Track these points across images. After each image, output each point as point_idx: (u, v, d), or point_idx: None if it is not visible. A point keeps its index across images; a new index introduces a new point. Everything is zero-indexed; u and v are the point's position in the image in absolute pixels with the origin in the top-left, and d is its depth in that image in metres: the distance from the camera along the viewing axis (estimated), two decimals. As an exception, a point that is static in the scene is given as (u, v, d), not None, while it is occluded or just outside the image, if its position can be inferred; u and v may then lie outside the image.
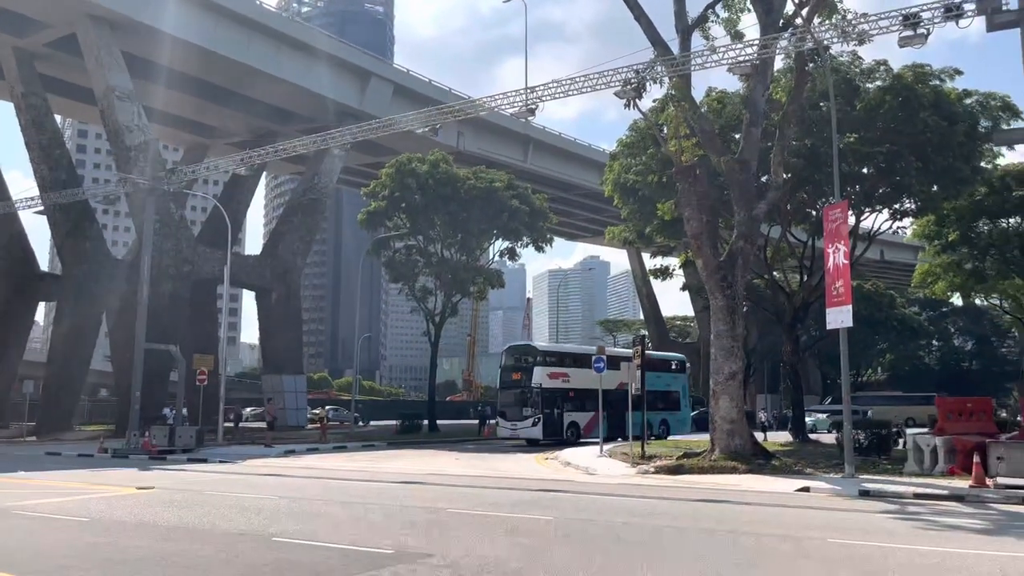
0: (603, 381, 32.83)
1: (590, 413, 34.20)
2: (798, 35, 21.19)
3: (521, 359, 36.65)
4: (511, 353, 38.09)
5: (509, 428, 34.92)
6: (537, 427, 33.73)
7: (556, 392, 34.65)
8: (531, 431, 34.01)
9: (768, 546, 10.52)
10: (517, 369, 35.89)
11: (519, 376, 35.36)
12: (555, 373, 35.01)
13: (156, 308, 41.39)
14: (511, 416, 35.07)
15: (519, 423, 34.41)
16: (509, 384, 36.03)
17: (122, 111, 43.55)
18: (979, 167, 28.54)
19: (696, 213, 22.42)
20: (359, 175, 64.78)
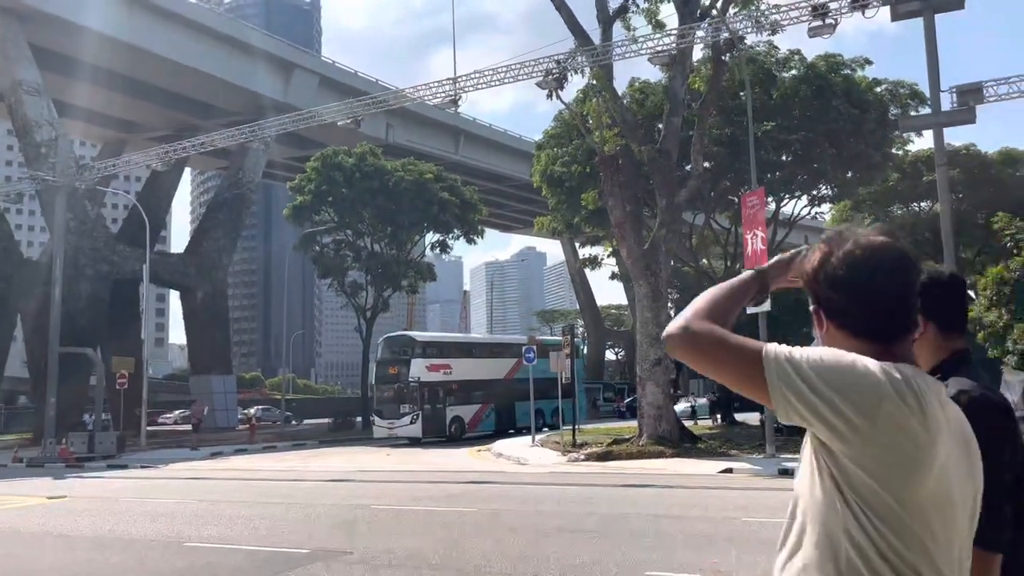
0: (490, 371, 32.76)
1: (476, 406, 32.99)
2: (714, 25, 21.55)
3: (399, 351, 33.72)
4: (388, 346, 34.77)
5: (385, 427, 32.12)
6: (416, 424, 31.06)
7: (437, 385, 32.15)
8: (409, 429, 31.32)
9: (685, 528, 10.71)
10: (394, 362, 33.04)
11: (396, 370, 32.47)
12: (436, 365, 32.43)
13: (73, 310, 39.86)
14: (388, 414, 32.23)
15: (396, 421, 31.66)
16: (385, 379, 33.17)
17: (31, 106, 41.67)
18: (890, 153, 29.59)
19: (619, 202, 22.65)
20: (287, 169, 63.43)
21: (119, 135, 57.42)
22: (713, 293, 1.70)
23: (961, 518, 1.50)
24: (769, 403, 1.50)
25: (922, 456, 1.43)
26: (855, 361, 1.46)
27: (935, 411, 1.46)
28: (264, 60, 51.32)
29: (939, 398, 1.50)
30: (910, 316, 1.59)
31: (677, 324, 1.61)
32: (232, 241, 54.91)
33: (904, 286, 1.56)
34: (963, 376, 1.97)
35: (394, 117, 54.21)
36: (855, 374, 1.44)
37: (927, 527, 1.45)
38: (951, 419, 1.51)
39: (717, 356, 1.56)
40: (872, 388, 1.43)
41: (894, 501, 1.43)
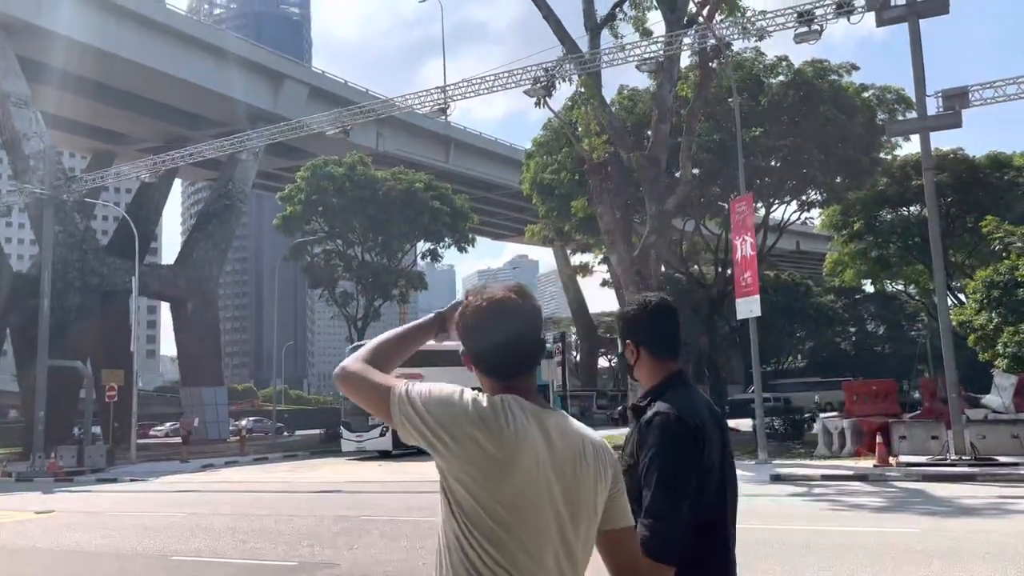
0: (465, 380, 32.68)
1: None
2: (700, 32, 21.62)
3: None
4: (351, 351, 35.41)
5: (354, 440, 30.47)
6: (386, 436, 29.07)
7: None
8: (379, 442, 29.43)
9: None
10: None
11: None
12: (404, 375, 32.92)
13: (62, 323, 39.67)
14: (356, 426, 30.35)
15: (365, 434, 29.82)
16: None
17: (19, 118, 41.50)
18: (878, 158, 29.74)
19: (608, 209, 22.65)
20: (277, 179, 63.35)
21: (108, 147, 57.27)
22: (383, 338, 2.11)
23: (553, 526, 1.76)
24: (397, 429, 1.85)
25: (499, 471, 1.73)
26: (453, 394, 1.83)
27: (514, 433, 1.75)
28: (253, 71, 51.32)
29: (540, 423, 1.80)
30: (526, 359, 1.89)
31: (340, 364, 2.00)
32: (222, 252, 54.74)
33: (519, 334, 1.87)
34: (672, 397, 2.18)
35: (384, 126, 54.24)
36: (450, 404, 1.80)
37: (512, 532, 1.73)
38: (554, 439, 1.79)
39: (362, 391, 1.94)
40: (461, 415, 1.77)
41: (481, 509, 1.73)
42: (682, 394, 2.22)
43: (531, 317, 1.90)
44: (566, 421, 1.88)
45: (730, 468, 2.29)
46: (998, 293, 24.09)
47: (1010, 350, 23.52)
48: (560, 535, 1.77)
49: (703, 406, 2.25)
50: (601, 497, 1.84)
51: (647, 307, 2.33)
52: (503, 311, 1.87)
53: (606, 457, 1.87)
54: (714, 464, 2.17)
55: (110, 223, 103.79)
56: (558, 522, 1.76)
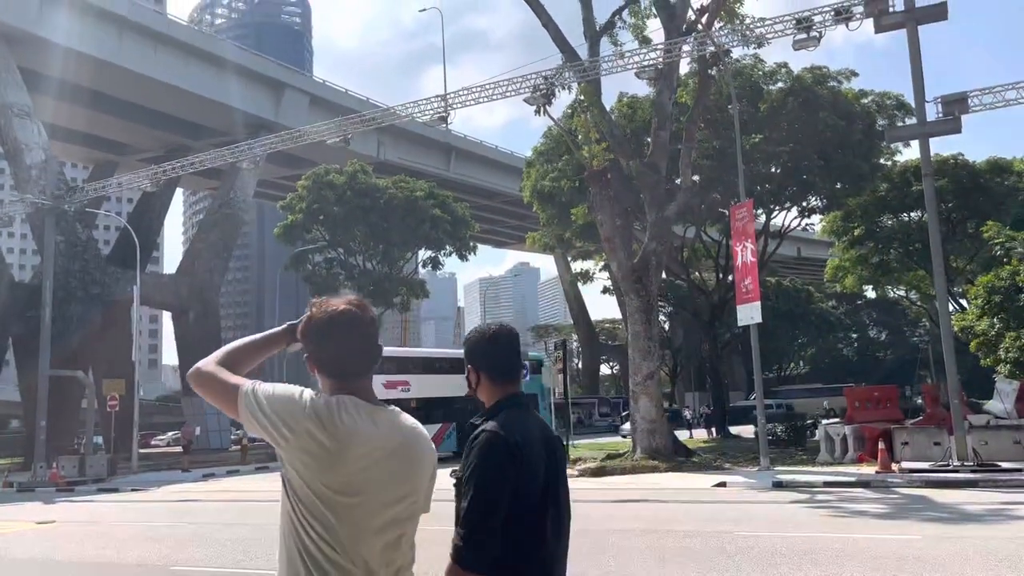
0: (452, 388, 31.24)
1: (436, 426, 30.87)
2: (699, 39, 21.66)
3: None
4: None
5: None
6: None
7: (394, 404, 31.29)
8: None
9: (677, 543, 10.61)
10: None
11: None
12: (392, 382, 30.03)
13: (64, 332, 39.68)
14: None
15: None
16: None
17: (20, 129, 41.61)
18: (878, 164, 29.74)
19: (608, 216, 22.66)
20: (280, 188, 63.42)
21: (110, 157, 57.42)
22: (235, 344, 2.32)
23: (382, 510, 2.01)
24: (244, 422, 2.07)
25: (330, 460, 1.97)
26: (293, 393, 2.07)
27: (347, 429, 2.00)
28: (254, 80, 51.47)
29: (373, 419, 2.06)
30: (361, 362, 2.15)
31: (195, 365, 2.18)
32: (224, 261, 54.80)
33: (352, 341, 2.12)
34: (503, 417, 2.34)
35: (385, 135, 54.35)
36: (290, 401, 2.04)
37: (342, 516, 1.97)
38: (384, 438, 2.05)
39: (214, 389, 2.14)
40: (299, 411, 2.01)
41: (314, 495, 1.97)
42: (513, 415, 2.37)
43: (366, 326, 2.15)
44: (398, 417, 2.15)
45: (562, 488, 2.43)
46: (999, 298, 24.01)
47: (1012, 355, 23.44)
48: (390, 518, 2.04)
49: (533, 427, 2.40)
50: (424, 483, 2.15)
51: (486, 335, 2.52)
52: (341, 321, 2.11)
53: (432, 451, 2.19)
54: (536, 483, 2.29)
55: (112, 233, 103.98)
56: (387, 506, 2.03)
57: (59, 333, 37.64)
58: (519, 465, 2.24)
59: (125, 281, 44.98)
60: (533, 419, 2.45)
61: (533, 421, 2.44)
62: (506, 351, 2.52)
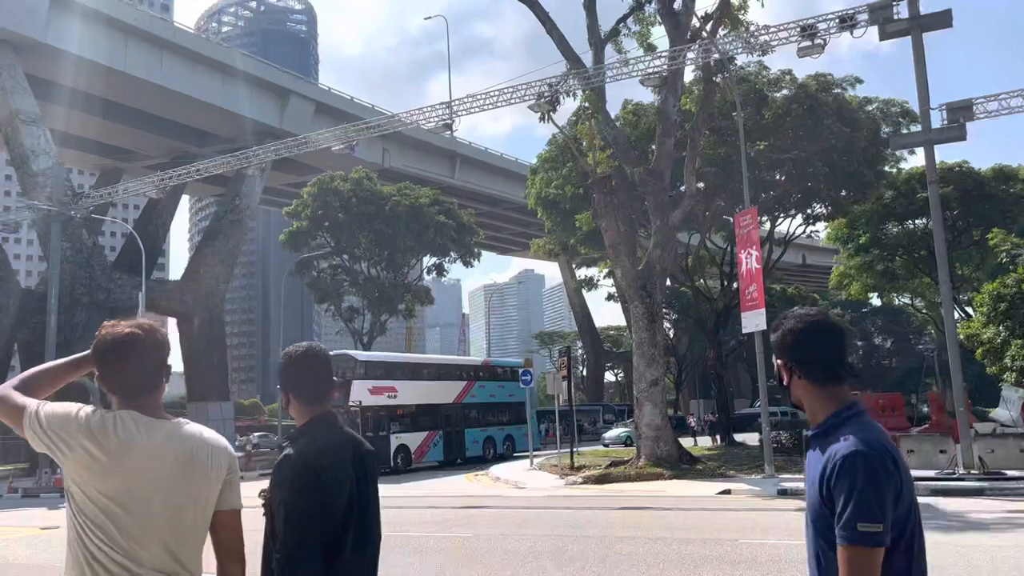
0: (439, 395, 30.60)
1: (423, 434, 30.53)
2: (704, 47, 21.69)
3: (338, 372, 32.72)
4: None
5: None
6: None
7: (381, 410, 29.24)
8: None
9: (680, 550, 10.57)
10: None
11: (335, 393, 31.12)
12: (379, 388, 29.54)
13: (69, 338, 39.76)
14: None
15: None
16: None
17: (28, 135, 41.84)
18: (883, 171, 29.71)
19: (613, 223, 22.65)
20: (284, 195, 63.66)
21: (116, 163, 57.64)
22: (37, 369, 2.52)
23: (161, 515, 2.21)
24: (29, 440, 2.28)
25: (104, 471, 2.18)
26: (71, 411, 2.27)
27: (121, 442, 2.20)
28: (260, 88, 51.66)
29: (152, 432, 2.26)
30: (144, 381, 2.33)
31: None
32: (229, 268, 54.90)
33: (133, 362, 2.29)
34: (308, 440, 2.50)
35: (390, 142, 54.46)
36: (67, 419, 2.25)
37: (120, 523, 2.16)
38: (162, 449, 2.25)
39: (5, 410, 2.34)
40: (74, 428, 2.22)
41: (93, 504, 2.17)
42: (321, 435, 2.53)
43: (149, 348, 2.33)
44: (180, 428, 2.33)
45: (372, 502, 2.58)
46: (1005, 306, 23.94)
47: (1018, 363, 23.37)
48: (169, 522, 2.22)
49: (341, 446, 2.54)
50: (215, 486, 2.33)
51: (293, 357, 2.63)
52: (123, 344, 2.30)
53: (220, 454, 2.37)
54: (341, 501, 2.43)
55: (118, 239, 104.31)
56: (167, 511, 2.22)
57: (65, 339, 37.76)
58: (323, 487, 2.40)
59: (131, 288, 45.12)
60: (341, 437, 2.58)
61: (341, 439, 2.57)
62: (313, 372, 2.63)
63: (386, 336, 48.23)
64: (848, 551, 2.04)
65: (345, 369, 30.10)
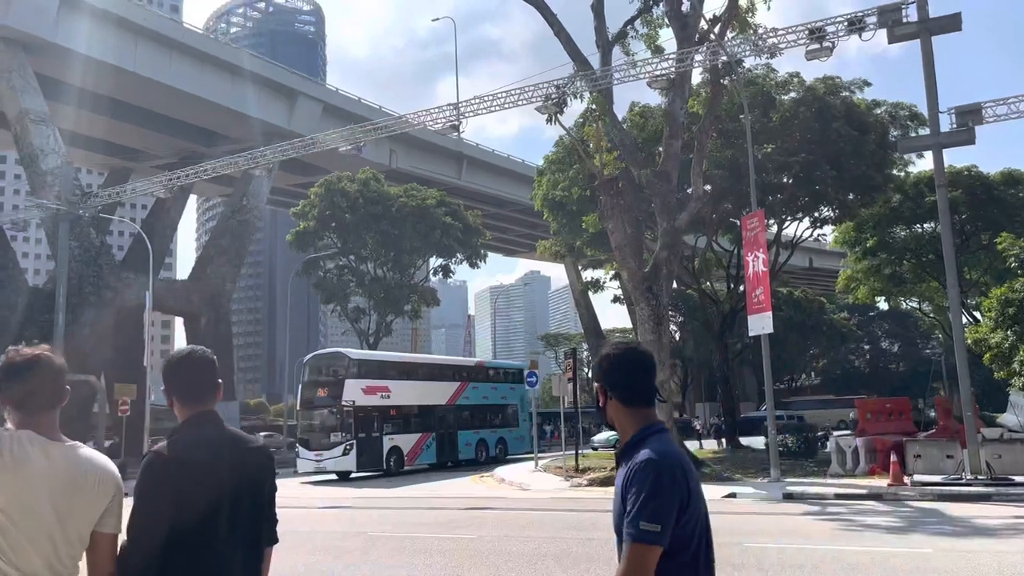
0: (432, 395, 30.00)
1: (415, 435, 29.65)
2: (712, 49, 21.65)
3: (329, 371, 29.63)
4: (316, 365, 30.41)
5: (312, 459, 27.63)
6: (349, 455, 26.90)
7: (374, 410, 28.23)
8: (341, 461, 27.08)
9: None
10: (324, 384, 28.95)
11: (326, 392, 28.41)
12: (372, 387, 28.47)
13: (76, 337, 39.93)
14: (315, 444, 27.87)
15: (325, 452, 27.28)
16: (313, 403, 28.78)
17: (37, 135, 42.06)
18: (891, 175, 29.59)
19: (619, 225, 22.61)
20: (292, 195, 63.83)
21: (125, 163, 57.90)
22: None
23: (45, 527, 2.38)
24: None
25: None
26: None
27: (15, 459, 2.37)
28: (267, 88, 51.82)
29: (46, 452, 2.44)
30: (40, 403, 2.50)
31: None
32: (236, 267, 55.09)
33: (30, 384, 2.48)
34: (176, 438, 2.65)
35: (398, 143, 54.55)
36: None
37: (9, 531, 2.33)
38: (53, 468, 2.42)
39: None
40: None
41: None
42: (191, 432, 2.68)
43: (48, 372, 2.52)
44: (75, 451, 2.51)
45: (248, 498, 2.71)
46: (1014, 311, 23.78)
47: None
48: (52, 534, 2.39)
49: (215, 444, 2.67)
50: (97, 507, 2.50)
51: (173, 361, 2.81)
52: (24, 367, 2.49)
53: (108, 479, 2.54)
54: (205, 496, 2.56)
55: (126, 239, 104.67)
56: (50, 524, 2.39)
57: (72, 337, 37.91)
58: (179, 481, 2.53)
59: (138, 286, 45.29)
60: (216, 434, 2.70)
61: (215, 435, 2.69)
62: (192, 374, 2.76)
63: (392, 337, 48.26)
64: (630, 548, 2.25)
65: (338, 367, 29.26)
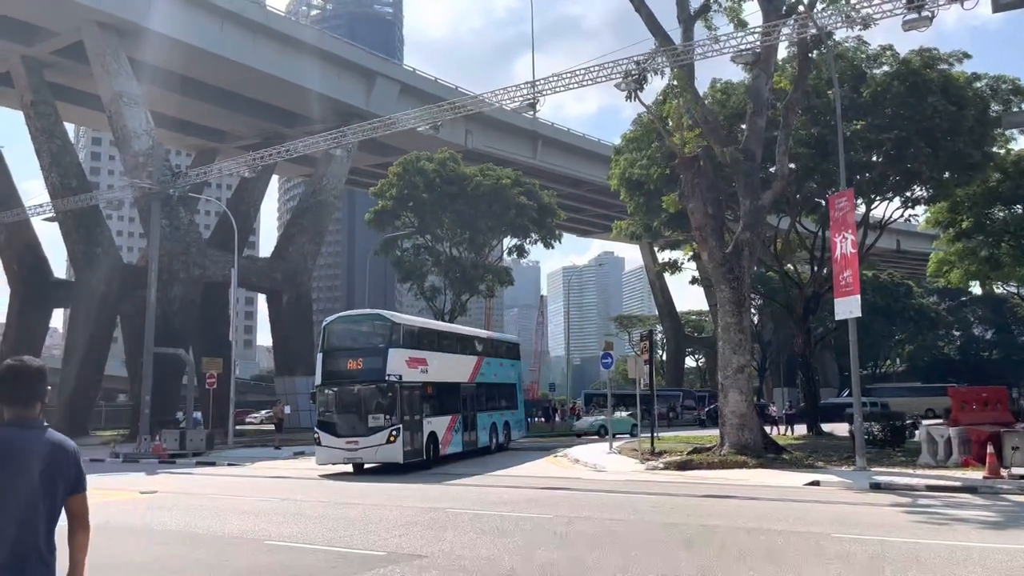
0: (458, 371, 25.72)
1: (447, 418, 24.32)
2: (800, 21, 20.83)
3: (366, 337, 23.60)
4: (346, 328, 24.19)
5: (342, 448, 21.46)
6: (396, 444, 20.84)
7: (416, 388, 22.49)
8: (385, 451, 21.03)
9: (770, 542, 10.25)
10: (359, 353, 22.65)
11: (360, 364, 22.11)
12: (415, 359, 22.88)
13: (166, 312, 41.58)
14: (345, 428, 21.71)
15: (362, 439, 21.09)
16: (342, 377, 22.15)
17: (130, 117, 43.73)
18: (991, 152, 28.01)
19: (700, 205, 22.11)
20: (369, 176, 64.77)
21: (209, 144, 59.78)
22: None
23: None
24: None
25: None
26: None
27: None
28: (346, 69, 52.56)
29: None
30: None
31: None
32: (316, 246, 56.35)
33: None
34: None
35: (473, 123, 54.67)
36: None
37: None
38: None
39: None
40: None
41: None
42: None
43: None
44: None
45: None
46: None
47: None
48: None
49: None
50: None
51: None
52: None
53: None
54: None
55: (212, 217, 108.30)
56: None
57: (163, 313, 39.49)
58: None
59: (224, 264, 46.80)
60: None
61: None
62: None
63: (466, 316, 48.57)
64: None
65: (378, 335, 23.02)
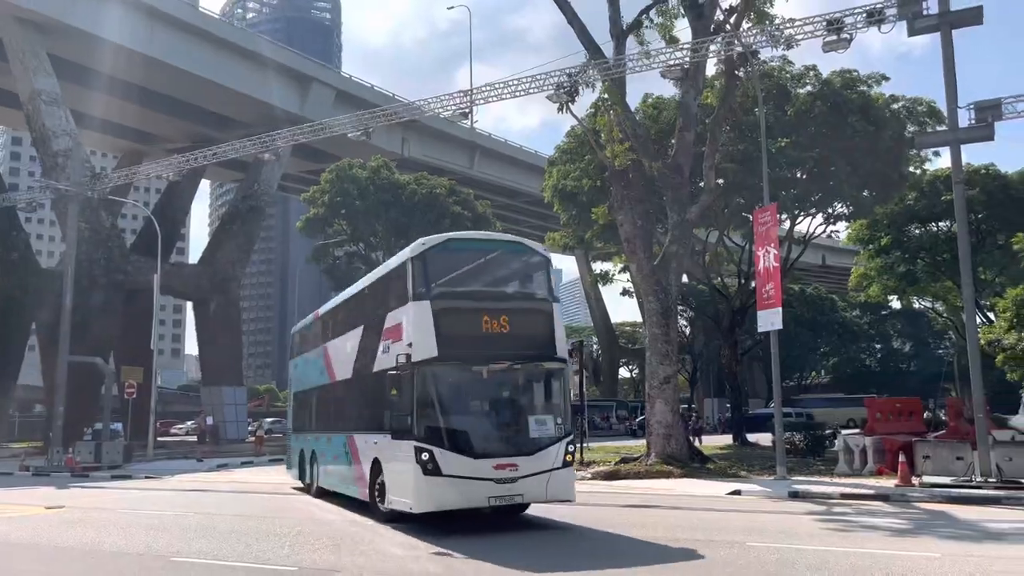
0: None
1: None
2: (727, 40, 21.29)
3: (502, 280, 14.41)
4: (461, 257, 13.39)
5: (491, 479, 11.65)
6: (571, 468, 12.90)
7: None
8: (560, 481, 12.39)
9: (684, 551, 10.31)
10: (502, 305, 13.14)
11: (504, 326, 12.52)
12: None
13: (86, 319, 39.98)
14: (495, 440, 12.22)
15: (524, 460, 11.90)
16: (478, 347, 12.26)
17: (48, 116, 42.07)
18: (907, 172, 29.11)
19: (629, 217, 22.36)
20: (302, 182, 63.73)
21: (137, 146, 57.93)
22: None
23: None
24: None
25: None
26: None
27: None
28: (281, 73, 51.64)
29: None
30: None
31: None
32: (246, 253, 55.08)
33: None
34: None
35: (410, 131, 54.32)
36: None
37: None
38: None
39: None
40: None
41: None
42: None
43: None
44: None
45: None
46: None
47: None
48: None
49: None
50: None
51: None
52: None
53: None
54: None
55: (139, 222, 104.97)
56: None
57: (82, 320, 37.95)
58: None
59: (148, 270, 45.25)
60: None
61: None
62: None
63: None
64: None
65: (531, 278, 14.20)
